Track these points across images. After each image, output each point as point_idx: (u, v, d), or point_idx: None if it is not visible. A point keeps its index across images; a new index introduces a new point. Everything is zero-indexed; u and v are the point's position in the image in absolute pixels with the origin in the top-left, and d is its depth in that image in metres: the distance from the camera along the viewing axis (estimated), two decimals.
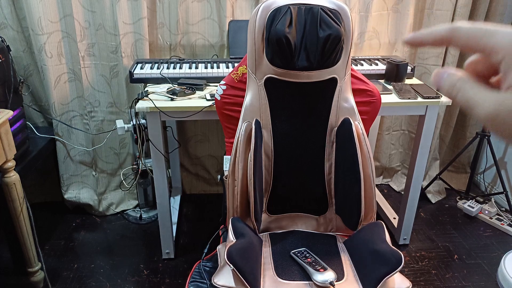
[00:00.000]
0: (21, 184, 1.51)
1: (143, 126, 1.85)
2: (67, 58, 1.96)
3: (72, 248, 1.98)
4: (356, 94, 1.34)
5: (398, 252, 1.08)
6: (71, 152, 2.11)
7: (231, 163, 1.29)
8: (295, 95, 1.29)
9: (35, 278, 1.65)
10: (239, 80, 1.35)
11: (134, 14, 1.89)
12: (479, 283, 1.78)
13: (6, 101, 1.63)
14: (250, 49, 1.26)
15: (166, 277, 1.79)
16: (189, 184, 2.43)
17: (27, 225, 1.56)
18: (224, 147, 2.18)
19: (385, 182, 2.58)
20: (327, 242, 1.30)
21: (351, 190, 1.27)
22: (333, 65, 1.26)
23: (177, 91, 1.62)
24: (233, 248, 1.07)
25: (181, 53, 2.07)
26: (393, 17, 2.13)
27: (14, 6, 1.85)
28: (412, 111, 1.76)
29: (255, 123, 1.27)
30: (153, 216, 2.20)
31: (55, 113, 2.00)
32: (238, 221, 1.25)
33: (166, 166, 1.75)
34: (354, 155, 1.24)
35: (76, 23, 1.90)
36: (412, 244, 2.01)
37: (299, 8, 1.21)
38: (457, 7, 2.06)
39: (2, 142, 1.40)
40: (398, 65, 1.80)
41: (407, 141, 2.46)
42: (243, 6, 2.00)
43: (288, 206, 1.40)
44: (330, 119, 1.32)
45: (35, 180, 2.23)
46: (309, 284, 1.10)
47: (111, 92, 2.05)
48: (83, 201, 2.19)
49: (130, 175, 2.24)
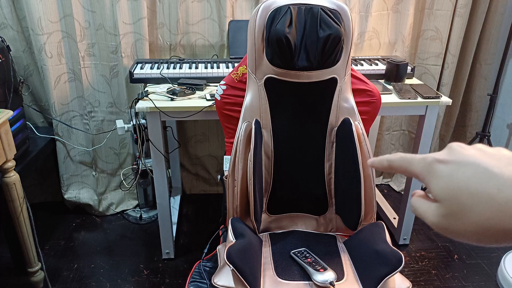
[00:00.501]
0: (21, 184, 1.51)
1: (143, 126, 1.85)
2: (67, 58, 1.96)
3: (72, 248, 1.98)
4: (356, 94, 1.33)
5: (398, 253, 1.08)
6: (71, 152, 2.11)
7: (231, 163, 1.29)
8: (295, 95, 1.29)
9: (35, 278, 1.65)
10: (239, 80, 1.35)
11: (134, 14, 1.89)
12: (479, 283, 1.78)
13: (6, 101, 1.63)
14: (250, 49, 1.26)
15: (166, 277, 1.79)
16: (189, 184, 2.43)
17: (27, 225, 1.56)
18: (224, 147, 2.18)
19: (385, 182, 2.58)
20: (327, 242, 1.30)
21: (351, 190, 1.27)
22: (333, 65, 1.26)
23: (177, 91, 1.62)
24: (232, 249, 1.07)
25: (181, 53, 2.07)
26: (393, 17, 2.13)
27: (14, 6, 1.85)
28: (412, 111, 1.76)
29: (255, 123, 1.27)
30: (153, 216, 2.20)
31: (55, 113, 2.00)
32: (237, 221, 1.25)
33: (166, 166, 1.75)
34: (354, 155, 1.24)
35: (76, 23, 1.90)
36: (412, 244, 2.01)
37: (299, 8, 1.21)
38: (457, 7, 2.06)
39: (2, 142, 1.40)
40: (398, 65, 1.80)
41: (407, 141, 2.46)
42: (243, 6, 2.00)
43: (288, 206, 1.40)
44: (330, 119, 1.32)
45: (35, 180, 2.23)
46: (309, 284, 1.10)
47: (111, 92, 2.05)
48: (83, 201, 2.19)
49: (130, 175, 2.24)
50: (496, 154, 0.34)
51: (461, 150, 0.35)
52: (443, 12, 2.07)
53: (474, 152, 0.34)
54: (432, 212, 0.35)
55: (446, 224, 0.34)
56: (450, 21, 2.09)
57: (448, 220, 0.33)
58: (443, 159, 0.35)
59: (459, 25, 2.08)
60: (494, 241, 0.32)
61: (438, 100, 1.67)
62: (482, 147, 0.35)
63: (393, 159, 0.39)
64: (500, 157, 0.33)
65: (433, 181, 0.35)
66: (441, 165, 0.35)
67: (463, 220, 0.32)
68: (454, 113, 2.38)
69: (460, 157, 0.34)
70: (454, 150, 0.35)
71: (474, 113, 2.37)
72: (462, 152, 0.35)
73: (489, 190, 0.31)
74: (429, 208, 0.35)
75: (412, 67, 1.92)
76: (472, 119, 2.39)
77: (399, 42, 2.17)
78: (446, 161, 0.35)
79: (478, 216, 0.31)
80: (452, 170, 0.34)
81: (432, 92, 1.71)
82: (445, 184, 0.34)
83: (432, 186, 0.35)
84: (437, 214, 0.34)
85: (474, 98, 2.33)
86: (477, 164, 0.33)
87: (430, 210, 0.35)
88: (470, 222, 0.32)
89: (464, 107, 2.39)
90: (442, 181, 0.34)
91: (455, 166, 0.34)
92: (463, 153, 0.34)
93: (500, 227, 0.31)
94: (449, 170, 0.34)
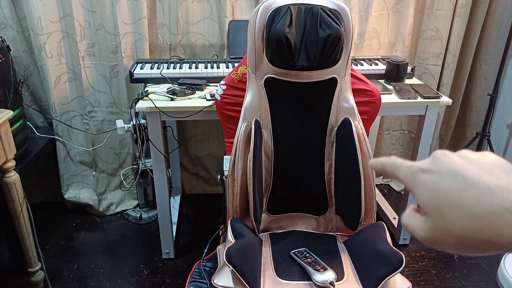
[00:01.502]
0: (21, 184, 1.51)
1: (143, 126, 1.85)
2: (67, 58, 1.96)
3: (72, 248, 1.98)
4: (356, 94, 1.33)
5: (399, 253, 1.08)
6: (71, 152, 2.11)
7: (231, 163, 1.29)
8: (295, 95, 1.29)
9: (35, 278, 1.65)
10: (239, 80, 1.35)
11: (134, 14, 1.89)
12: (479, 283, 1.78)
13: (6, 101, 1.63)
14: (250, 49, 1.26)
15: (166, 277, 1.79)
16: (189, 184, 2.43)
17: (27, 225, 1.55)
18: (224, 147, 2.18)
19: (385, 182, 2.58)
20: (327, 242, 1.30)
21: (351, 190, 1.27)
22: (333, 65, 1.26)
23: (177, 91, 1.62)
24: (231, 249, 1.07)
25: (181, 53, 2.06)
26: (393, 17, 2.13)
27: (14, 6, 1.85)
28: (412, 111, 1.76)
29: (255, 123, 1.27)
30: (153, 216, 2.20)
31: (55, 113, 2.00)
32: (237, 221, 1.25)
33: (166, 166, 1.75)
34: (354, 155, 1.24)
35: (76, 23, 1.89)
36: (412, 244, 2.01)
37: (299, 8, 1.21)
38: (457, 7, 2.06)
39: (2, 142, 1.40)
40: (398, 65, 1.80)
41: (407, 141, 2.46)
42: (243, 6, 2.00)
43: (288, 206, 1.40)
44: (330, 119, 1.32)
45: (35, 180, 2.23)
46: (309, 284, 1.10)
47: (111, 92, 2.05)
48: (83, 201, 2.19)
49: (130, 175, 2.24)
50: (479, 160, 0.33)
51: (443, 158, 0.34)
52: (443, 12, 2.07)
53: (456, 159, 0.34)
54: (420, 227, 0.35)
55: (433, 238, 0.34)
56: (450, 21, 2.09)
57: (433, 233, 0.33)
58: (426, 169, 0.35)
59: (459, 25, 2.08)
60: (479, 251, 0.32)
61: (438, 100, 1.67)
62: (467, 153, 0.35)
63: (386, 163, 0.39)
64: (482, 163, 0.33)
65: (417, 191, 0.35)
66: (425, 174, 0.35)
67: (445, 233, 0.32)
68: (454, 113, 2.38)
69: (442, 166, 0.34)
70: (437, 159, 0.35)
71: (474, 113, 2.37)
72: (444, 160, 0.34)
73: (467, 201, 0.31)
74: (416, 224, 0.35)
75: (412, 67, 1.92)
76: (472, 119, 2.39)
77: (399, 42, 2.17)
78: (428, 171, 0.34)
79: (459, 229, 0.31)
80: (433, 180, 0.34)
81: (432, 92, 1.71)
82: (428, 195, 0.34)
83: (417, 197, 0.35)
84: (424, 228, 0.34)
85: (474, 98, 2.33)
86: (456, 172, 0.33)
87: (418, 225, 0.35)
88: (452, 235, 0.32)
89: (464, 107, 2.39)
90: (425, 191, 0.34)
91: (437, 175, 0.34)
92: (445, 161, 0.34)
93: (481, 238, 0.30)
94: (431, 180, 0.34)
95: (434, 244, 0.34)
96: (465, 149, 0.37)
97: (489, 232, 0.30)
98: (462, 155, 0.34)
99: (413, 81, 1.90)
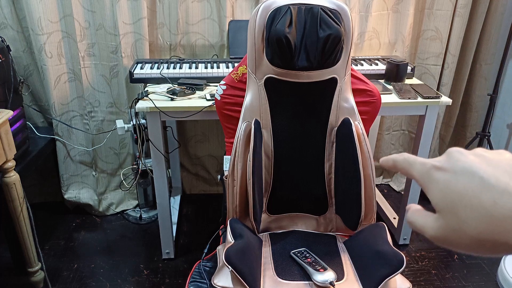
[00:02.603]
0: (21, 184, 1.51)
1: (143, 126, 1.85)
2: (67, 58, 1.96)
3: (72, 248, 1.98)
4: (356, 94, 1.33)
5: (400, 254, 1.08)
6: (71, 152, 2.11)
7: (231, 163, 1.29)
8: (295, 95, 1.29)
9: (35, 278, 1.65)
10: (239, 80, 1.35)
11: (134, 14, 1.89)
12: (479, 283, 1.78)
13: (6, 101, 1.63)
14: (250, 49, 1.26)
15: (166, 277, 1.79)
16: (189, 184, 2.43)
17: (27, 225, 1.56)
18: (224, 147, 2.18)
19: (385, 182, 2.58)
20: (327, 242, 1.30)
21: (351, 190, 1.27)
22: (333, 65, 1.26)
23: (177, 91, 1.62)
24: (231, 250, 1.07)
25: (181, 53, 2.06)
26: (393, 17, 2.13)
27: (14, 6, 1.85)
28: (412, 111, 1.76)
29: (255, 123, 1.27)
30: (153, 216, 2.20)
31: (55, 113, 2.00)
32: (236, 222, 1.25)
33: (166, 166, 1.75)
34: (354, 155, 1.24)
35: (76, 23, 1.89)
36: (412, 244, 2.01)
37: (299, 8, 1.21)
38: (457, 7, 2.06)
39: (2, 142, 1.40)
40: (398, 65, 1.80)
41: (407, 141, 2.46)
42: (243, 6, 2.00)
43: (288, 206, 1.40)
44: (330, 119, 1.32)
45: (35, 180, 2.23)
46: (309, 284, 1.10)
47: (111, 92, 2.05)
48: (83, 201, 2.19)
49: (130, 175, 2.24)
50: (496, 160, 0.32)
51: (459, 156, 0.34)
52: (443, 12, 2.07)
53: (472, 158, 0.33)
54: (431, 224, 0.34)
55: (445, 237, 0.33)
56: (450, 21, 2.09)
57: (446, 232, 0.33)
58: (441, 166, 0.34)
59: (459, 25, 2.08)
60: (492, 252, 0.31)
61: (438, 100, 1.67)
62: (482, 152, 0.34)
63: (397, 160, 0.39)
64: (499, 163, 0.32)
65: (431, 189, 0.34)
66: (439, 172, 0.34)
67: (459, 233, 0.32)
68: (454, 113, 2.38)
69: (457, 165, 0.33)
70: (452, 157, 0.34)
71: (474, 113, 2.37)
72: (460, 159, 0.33)
73: (484, 202, 0.30)
74: (426, 222, 0.35)
75: (412, 67, 1.92)
76: (472, 119, 2.39)
77: (399, 42, 2.17)
78: (443, 169, 0.34)
79: (474, 230, 0.31)
80: (448, 179, 0.33)
81: (432, 92, 1.71)
82: (442, 194, 0.33)
83: (430, 195, 0.34)
84: (435, 226, 0.34)
85: (474, 98, 2.33)
86: (473, 173, 0.32)
87: (428, 223, 0.34)
88: (466, 235, 0.31)
89: (464, 107, 2.39)
90: (439, 190, 0.33)
91: (452, 174, 0.33)
92: (460, 159, 0.33)
93: (497, 240, 0.30)
94: (446, 178, 0.33)
95: (444, 243, 0.33)
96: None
97: (506, 234, 0.30)
98: (478, 153, 0.34)
99: (413, 81, 1.90)
